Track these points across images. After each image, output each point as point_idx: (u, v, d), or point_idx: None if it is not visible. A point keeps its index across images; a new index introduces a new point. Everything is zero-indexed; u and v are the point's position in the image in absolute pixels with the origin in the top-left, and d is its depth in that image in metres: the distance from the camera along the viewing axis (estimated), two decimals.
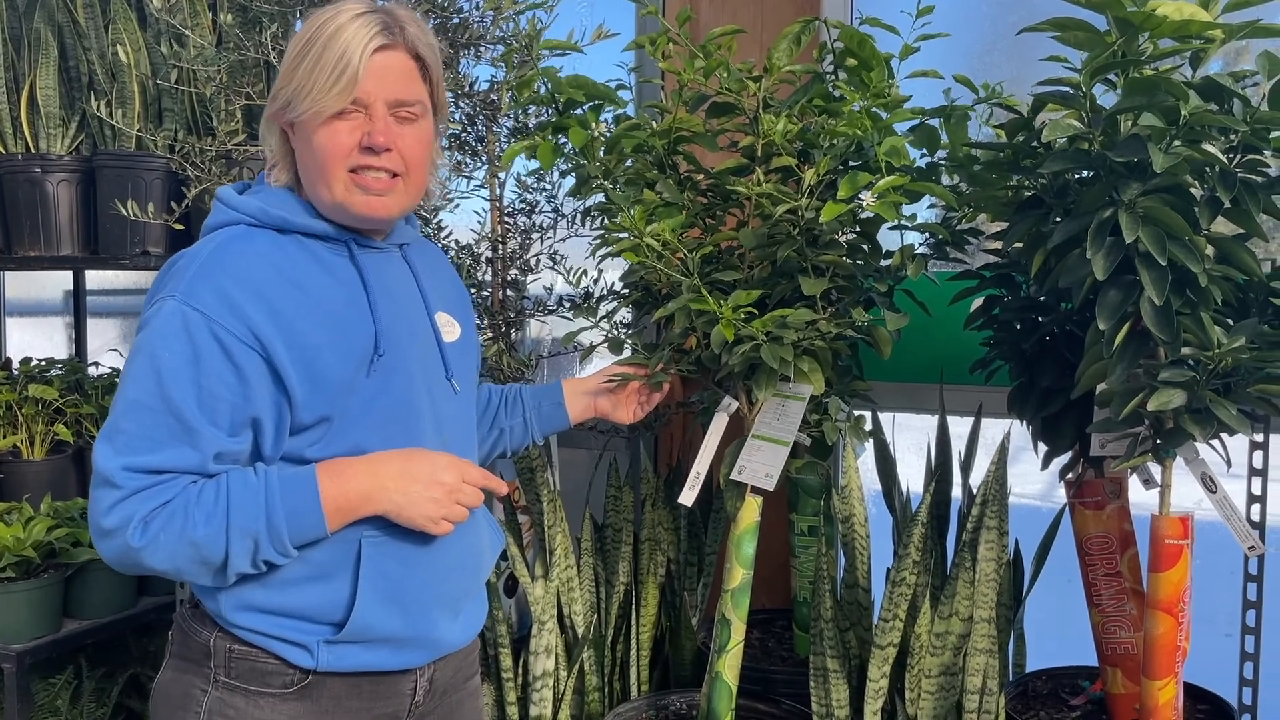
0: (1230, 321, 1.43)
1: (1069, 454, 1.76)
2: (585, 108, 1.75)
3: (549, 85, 1.70)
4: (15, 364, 2.73)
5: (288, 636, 1.33)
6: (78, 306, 3.36)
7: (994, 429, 1.87)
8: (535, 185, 2.29)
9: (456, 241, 2.23)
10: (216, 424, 1.27)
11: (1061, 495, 1.79)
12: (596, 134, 1.71)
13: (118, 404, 1.27)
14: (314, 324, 1.32)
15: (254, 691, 1.33)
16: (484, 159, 2.23)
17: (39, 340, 3.64)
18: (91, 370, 2.84)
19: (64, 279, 3.44)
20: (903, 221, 1.63)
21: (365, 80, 1.33)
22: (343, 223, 1.40)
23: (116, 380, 2.22)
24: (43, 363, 2.74)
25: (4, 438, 2.46)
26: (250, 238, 1.34)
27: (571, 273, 2.19)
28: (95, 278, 3.44)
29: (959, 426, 1.92)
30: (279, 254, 1.34)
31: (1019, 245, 1.63)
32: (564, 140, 1.76)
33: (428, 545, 1.39)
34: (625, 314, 2.32)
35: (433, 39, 1.41)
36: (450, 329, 1.51)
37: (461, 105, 2.20)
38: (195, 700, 1.34)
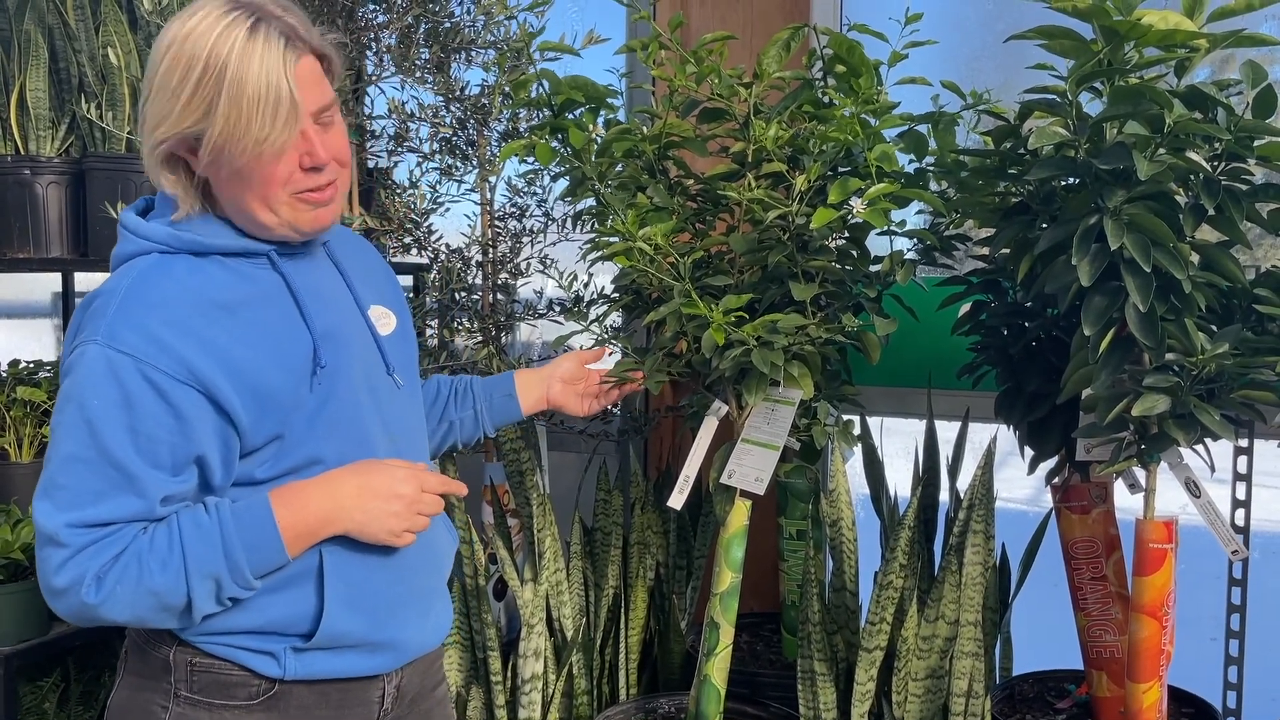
0: (1214, 328, 1.44)
1: (1055, 459, 1.77)
2: (581, 110, 1.76)
3: (546, 86, 1.70)
4: (4, 366, 2.72)
5: (254, 646, 1.30)
6: (67, 309, 3.35)
7: (981, 434, 1.88)
8: (526, 189, 2.30)
9: (447, 245, 2.24)
10: (158, 466, 1.21)
11: (1047, 500, 1.80)
12: (593, 135, 1.72)
13: (51, 459, 1.20)
14: (250, 347, 1.26)
15: (218, 705, 1.30)
16: (474, 163, 2.24)
17: (28, 342, 3.62)
18: None
19: (53, 281, 3.42)
20: (891, 227, 1.64)
21: (301, 102, 1.23)
22: (284, 240, 1.32)
23: None
24: (31, 365, 2.73)
25: None
26: (166, 267, 1.26)
27: (562, 276, 2.20)
28: (84, 280, 3.42)
29: (946, 431, 1.94)
30: (199, 279, 1.27)
31: (1006, 251, 1.64)
32: (556, 143, 1.76)
33: (387, 547, 1.36)
34: (615, 318, 2.33)
35: (309, 24, 1.29)
36: (385, 321, 1.46)
37: (452, 109, 2.21)
38: (155, 717, 1.30)
